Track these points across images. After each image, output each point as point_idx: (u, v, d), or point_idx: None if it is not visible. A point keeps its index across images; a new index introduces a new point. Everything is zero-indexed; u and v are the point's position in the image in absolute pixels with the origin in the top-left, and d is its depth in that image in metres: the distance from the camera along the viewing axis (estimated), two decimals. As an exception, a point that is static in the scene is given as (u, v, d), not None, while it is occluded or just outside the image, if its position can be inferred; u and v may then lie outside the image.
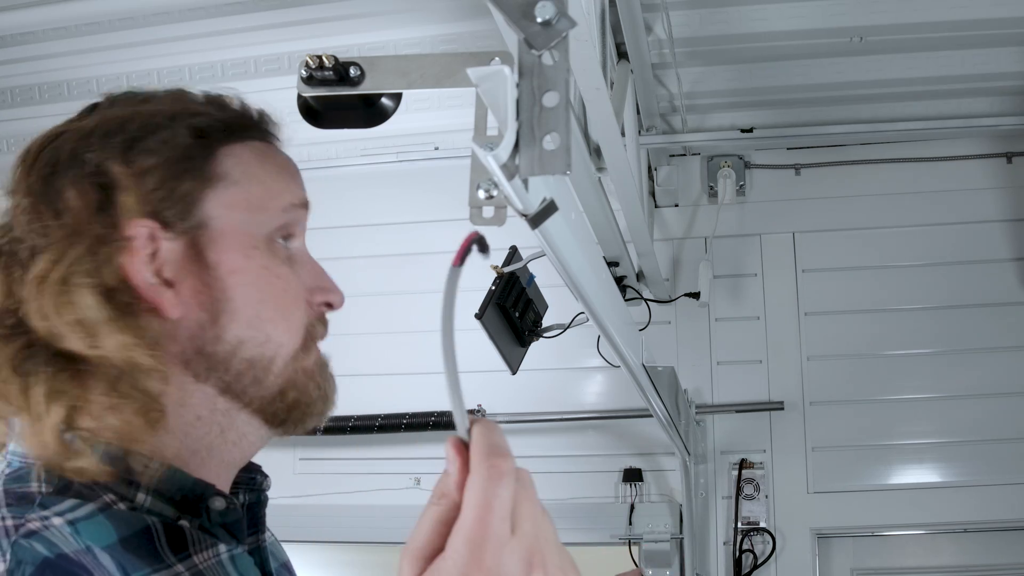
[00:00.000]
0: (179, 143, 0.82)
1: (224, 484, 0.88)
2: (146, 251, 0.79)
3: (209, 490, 0.83)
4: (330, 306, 0.91)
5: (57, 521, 0.74)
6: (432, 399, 3.00)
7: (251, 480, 0.94)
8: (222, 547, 0.83)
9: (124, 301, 0.78)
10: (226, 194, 0.84)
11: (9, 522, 0.73)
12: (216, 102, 0.90)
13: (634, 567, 1.23)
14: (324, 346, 0.98)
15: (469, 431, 0.64)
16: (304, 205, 0.90)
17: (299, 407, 0.87)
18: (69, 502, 0.76)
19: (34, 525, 0.72)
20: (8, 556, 0.70)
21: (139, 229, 0.79)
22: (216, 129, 0.86)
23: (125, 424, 0.77)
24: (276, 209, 0.86)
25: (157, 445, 0.81)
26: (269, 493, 0.95)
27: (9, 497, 0.76)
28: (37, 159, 0.82)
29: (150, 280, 0.79)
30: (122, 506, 0.78)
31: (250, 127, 0.90)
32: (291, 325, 0.86)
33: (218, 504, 0.83)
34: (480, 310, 2.00)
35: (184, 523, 0.80)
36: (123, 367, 0.77)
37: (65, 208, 0.79)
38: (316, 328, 0.89)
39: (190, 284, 0.81)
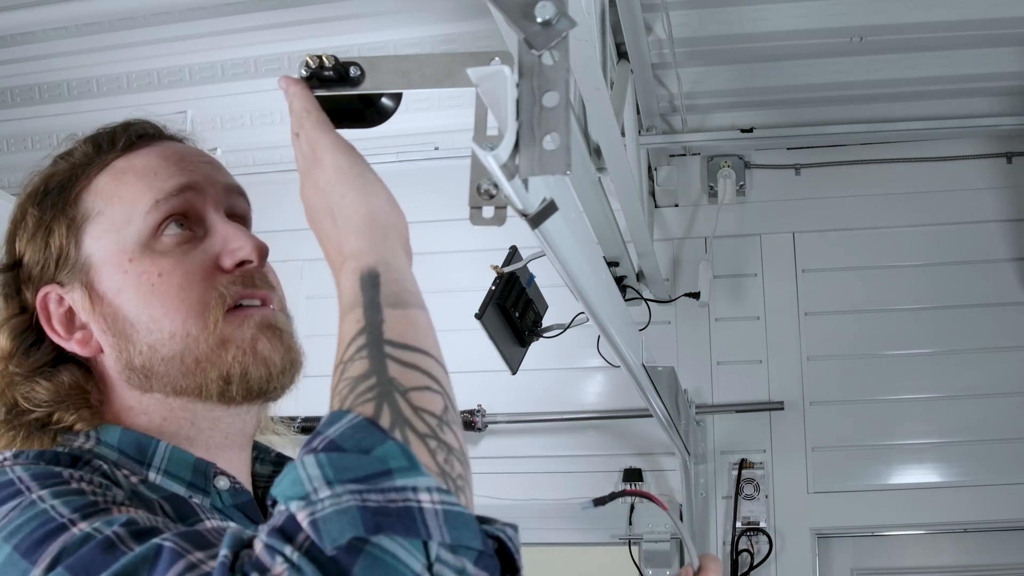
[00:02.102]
0: (36, 216, 0.91)
1: (228, 467, 0.91)
2: (60, 310, 0.90)
3: (210, 468, 0.88)
4: (243, 263, 0.90)
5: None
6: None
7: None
8: (233, 525, 0.86)
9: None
10: (94, 228, 0.90)
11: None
12: (79, 146, 0.95)
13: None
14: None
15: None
16: (180, 191, 0.90)
17: (232, 379, 0.87)
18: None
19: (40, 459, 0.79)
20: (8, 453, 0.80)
21: (42, 298, 0.90)
22: (70, 179, 0.92)
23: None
24: (139, 216, 0.89)
25: (156, 435, 0.88)
26: None
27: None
28: None
29: (68, 333, 0.90)
30: (133, 479, 0.83)
31: (108, 152, 0.93)
32: (188, 310, 0.87)
33: (222, 483, 0.88)
34: (480, 310, 1.99)
35: (195, 500, 0.86)
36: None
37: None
38: (227, 296, 0.88)
39: (95, 319, 0.89)
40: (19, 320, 0.91)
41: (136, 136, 0.95)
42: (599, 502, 1.67)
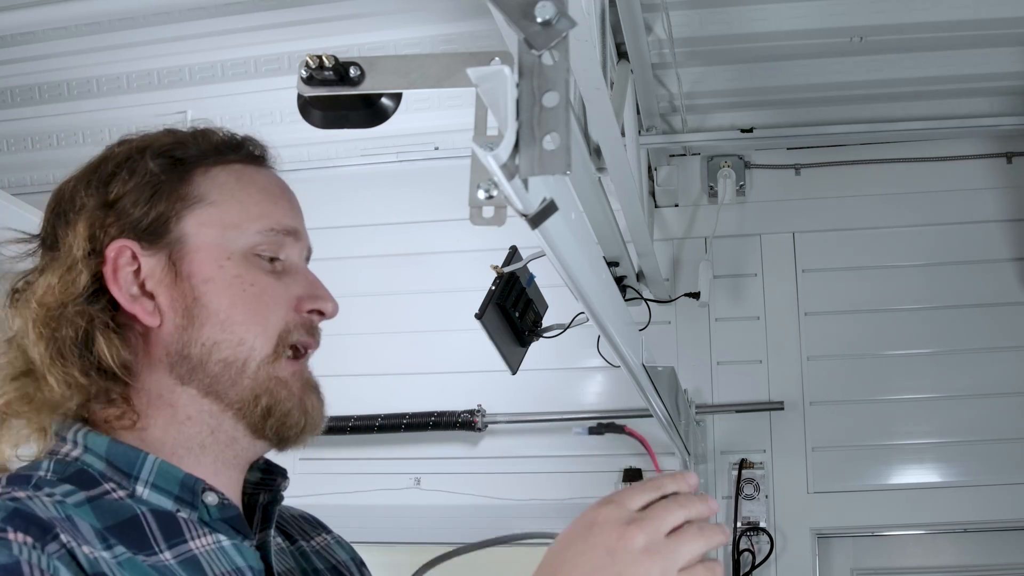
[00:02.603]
0: (150, 172, 0.92)
1: (227, 483, 0.92)
2: (129, 268, 0.90)
3: (199, 483, 0.88)
4: (321, 314, 0.95)
5: (45, 499, 0.78)
6: (432, 399, 3.00)
7: (272, 482, 1.00)
8: (222, 537, 0.87)
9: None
10: (203, 213, 0.92)
11: None
12: (199, 133, 0.97)
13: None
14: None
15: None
16: (289, 233, 0.95)
17: (273, 415, 0.90)
18: (64, 487, 0.82)
19: (18, 494, 0.77)
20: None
21: (117, 250, 0.89)
22: (191, 156, 0.94)
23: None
24: (252, 230, 0.92)
25: (154, 442, 0.88)
26: (285, 493, 1.02)
27: (10, 476, 0.83)
28: (49, 207, 0.95)
29: (130, 293, 0.89)
30: (120, 493, 0.84)
31: (230, 152, 0.96)
32: (265, 329, 0.91)
33: (210, 499, 0.88)
34: (480, 310, 1.99)
35: (182, 515, 0.86)
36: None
37: (59, 245, 0.91)
38: (293, 333, 0.92)
39: (168, 293, 0.90)
40: (96, 262, 0.90)
41: (256, 152, 0.99)
42: (594, 431, 1.71)
